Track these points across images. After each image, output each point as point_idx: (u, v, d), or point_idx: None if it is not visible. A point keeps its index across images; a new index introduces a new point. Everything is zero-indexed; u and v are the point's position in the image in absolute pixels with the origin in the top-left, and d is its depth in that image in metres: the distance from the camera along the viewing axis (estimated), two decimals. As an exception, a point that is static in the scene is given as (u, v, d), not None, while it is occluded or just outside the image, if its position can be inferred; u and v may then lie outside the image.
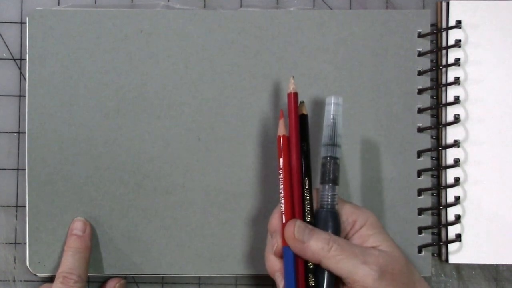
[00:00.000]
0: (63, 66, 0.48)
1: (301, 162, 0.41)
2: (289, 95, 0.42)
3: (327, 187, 0.41)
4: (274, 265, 0.41)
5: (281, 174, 0.41)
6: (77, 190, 0.47)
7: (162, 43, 0.48)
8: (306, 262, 0.40)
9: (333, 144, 0.41)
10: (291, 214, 0.40)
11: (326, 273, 0.39)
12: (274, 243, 0.41)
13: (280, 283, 0.41)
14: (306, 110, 0.42)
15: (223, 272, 0.48)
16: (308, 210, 0.41)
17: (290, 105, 0.42)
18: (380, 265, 0.37)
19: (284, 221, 0.40)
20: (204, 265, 0.48)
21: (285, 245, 0.40)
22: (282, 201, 0.41)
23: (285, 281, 0.40)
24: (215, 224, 0.48)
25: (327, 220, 0.40)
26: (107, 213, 0.48)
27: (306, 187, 0.41)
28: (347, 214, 0.41)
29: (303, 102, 0.42)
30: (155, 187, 0.48)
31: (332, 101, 0.41)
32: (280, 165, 0.41)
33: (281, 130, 0.42)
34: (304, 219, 0.40)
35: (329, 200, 0.40)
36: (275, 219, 0.41)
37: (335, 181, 0.41)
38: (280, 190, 0.41)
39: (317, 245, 0.38)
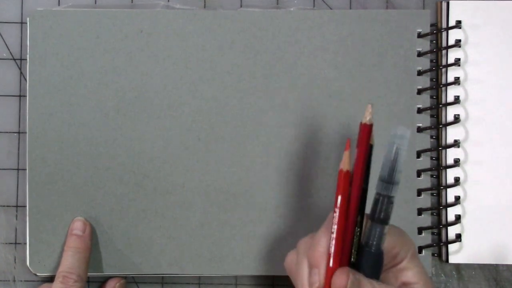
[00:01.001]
0: (63, 66, 0.48)
1: (358, 200, 0.37)
2: (363, 126, 0.36)
3: (376, 226, 0.37)
4: None
5: (336, 213, 0.37)
6: (77, 190, 0.48)
7: (162, 43, 0.48)
8: None
9: (391, 181, 0.36)
10: (340, 258, 0.37)
11: None
12: (315, 281, 0.37)
13: None
14: (373, 139, 0.37)
15: (223, 272, 0.48)
16: (354, 250, 0.37)
17: (361, 137, 0.36)
18: None
19: (331, 265, 0.36)
20: (204, 265, 0.48)
21: None
22: (333, 242, 0.36)
23: None
24: (215, 224, 0.48)
25: (372, 263, 0.37)
26: (107, 213, 0.48)
27: (358, 227, 0.37)
28: (390, 246, 0.37)
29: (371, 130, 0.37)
30: (155, 187, 0.48)
31: (398, 133, 0.36)
32: (337, 203, 0.37)
33: (345, 164, 0.37)
34: (349, 259, 0.37)
35: (376, 240, 0.37)
36: (320, 252, 0.37)
37: (386, 221, 0.37)
38: (333, 230, 0.37)
39: None
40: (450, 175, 0.48)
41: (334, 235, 0.37)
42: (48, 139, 0.48)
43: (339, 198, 0.37)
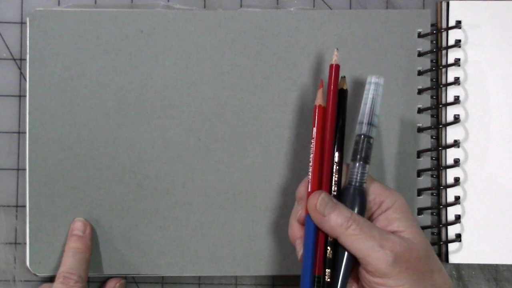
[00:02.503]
0: (63, 66, 0.48)
1: (334, 135, 0.41)
2: (330, 66, 0.42)
3: (357, 164, 0.40)
4: (296, 232, 0.41)
5: (313, 144, 0.41)
6: (77, 190, 0.48)
7: (162, 43, 0.48)
8: (326, 234, 0.39)
9: (369, 123, 0.40)
10: (318, 185, 0.40)
11: (345, 249, 0.39)
12: (298, 210, 0.41)
13: (300, 251, 0.41)
14: (347, 85, 0.42)
15: (223, 272, 0.48)
16: (335, 183, 0.40)
17: (330, 77, 0.41)
18: (396, 251, 0.37)
19: (309, 190, 0.40)
20: (204, 265, 0.48)
21: (308, 214, 0.40)
22: (310, 170, 0.41)
23: (304, 249, 0.40)
24: (215, 224, 0.48)
25: (353, 198, 0.40)
26: (107, 213, 0.48)
27: (336, 160, 0.41)
28: (375, 194, 0.40)
29: (344, 77, 0.42)
30: (155, 187, 0.48)
31: (373, 80, 0.41)
32: (312, 134, 0.41)
33: (319, 100, 0.41)
34: (329, 192, 0.40)
35: (358, 178, 0.40)
36: (303, 187, 0.41)
37: (366, 160, 0.40)
38: (310, 160, 0.41)
39: (336, 221, 0.38)
40: (450, 175, 0.48)
41: (311, 163, 0.40)
42: (48, 139, 0.47)
43: (314, 130, 0.41)
